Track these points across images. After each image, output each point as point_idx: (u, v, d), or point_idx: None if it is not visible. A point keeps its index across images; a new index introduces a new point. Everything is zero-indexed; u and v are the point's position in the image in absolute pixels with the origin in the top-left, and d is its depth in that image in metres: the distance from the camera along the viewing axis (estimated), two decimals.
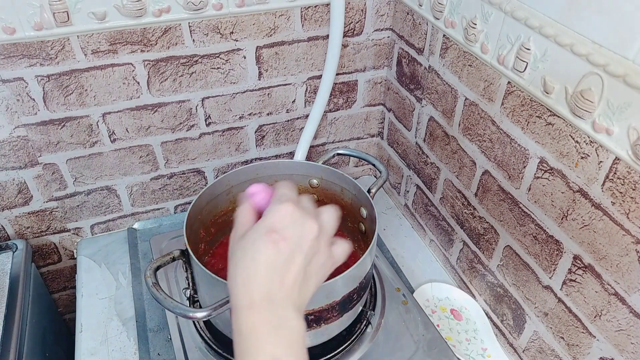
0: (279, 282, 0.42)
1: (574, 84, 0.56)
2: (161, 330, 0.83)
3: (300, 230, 0.44)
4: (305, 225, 0.44)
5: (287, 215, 0.44)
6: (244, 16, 0.84)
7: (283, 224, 0.43)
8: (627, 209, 0.54)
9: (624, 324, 0.58)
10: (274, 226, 0.43)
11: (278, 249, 0.42)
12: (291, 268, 0.43)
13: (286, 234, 0.43)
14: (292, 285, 0.43)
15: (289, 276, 0.42)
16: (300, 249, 0.43)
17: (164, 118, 0.90)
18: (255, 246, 0.43)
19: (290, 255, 0.43)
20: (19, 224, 0.94)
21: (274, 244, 0.42)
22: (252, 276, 0.42)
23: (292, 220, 0.44)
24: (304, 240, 0.43)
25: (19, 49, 0.75)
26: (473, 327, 0.87)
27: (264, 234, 0.43)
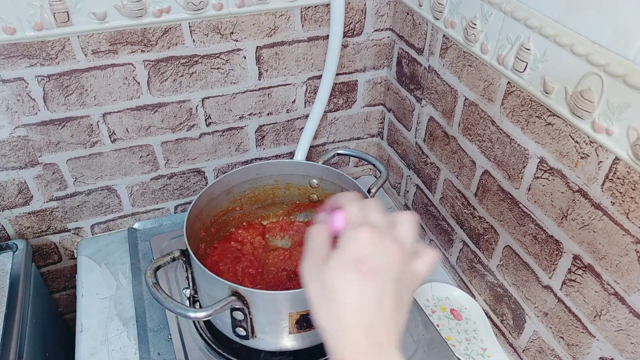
0: (379, 318, 0.40)
1: (573, 84, 0.56)
2: (161, 330, 0.83)
3: (384, 255, 0.41)
4: (389, 249, 0.41)
5: (368, 242, 0.41)
6: (244, 16, 0.84)
7: (366, 251, 0.40)
8: (627, 209, 0.54)
9: (624, 323, 0.58)
10: (360, 256, 0.40)
11: (371, 282, 0.40)
12: (386, 299, 0.40)
13: (373, 263, 0.40)
14: (390, 316, 0.40)
15: (386, 308, 0.40)
16: (390, 275, 0.40)
17: (164, 118, 0.90)
18: (348, 282, 0.40)
19: (382, 286, 0.40)
20: (19, 224, 0.94)
21: (364, 276, 0.39)
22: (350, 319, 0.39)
23: (374, 246, 0.41)
24: (391, 266, 0.41)
25: (19, 49, 0.75)
26: (473, 327, 0.87)
27: (352, 265, 0.40)
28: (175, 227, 1.02)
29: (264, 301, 0.65)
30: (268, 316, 0.67)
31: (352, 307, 0.39)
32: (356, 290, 0.39)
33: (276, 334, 0.69)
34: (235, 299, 0.63)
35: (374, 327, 0.39)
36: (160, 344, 0.80)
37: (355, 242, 0.41)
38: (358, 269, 0.40)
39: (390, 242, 0.42)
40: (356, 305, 0.39)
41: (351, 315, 0.39)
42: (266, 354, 0.77)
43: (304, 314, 0.66)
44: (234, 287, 0.64)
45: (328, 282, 0.40)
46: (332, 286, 0.40)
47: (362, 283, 0.40)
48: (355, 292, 0.39)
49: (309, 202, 0.91)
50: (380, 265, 0.40)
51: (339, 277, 0.40)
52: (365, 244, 0.41)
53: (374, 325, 0.39)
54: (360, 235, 0.41)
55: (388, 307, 0.40)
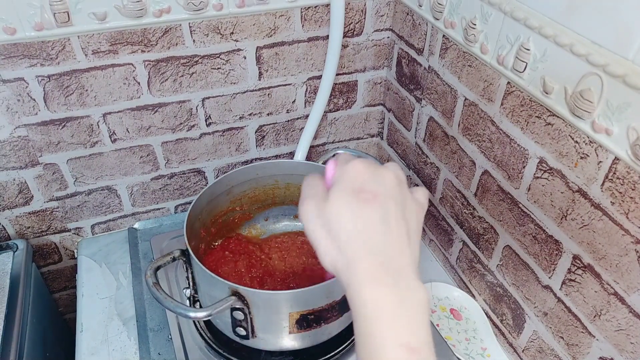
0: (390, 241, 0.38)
1: (573, 84, 0.56)
2: (161, 330, 0.83)
3: (381, 181, 0.40)
4: (384, 176, 0.41)
5: (362, 172, 0.40)
6: (244, 16, 0.84)
7: (362, 179, 0.40)
8: (627, 209, 0.54)
9: (624, 323, 0.58)
10: (358, 185, 0.39)
11: (374, 206, 0.39)
12: (392, 222, 0.39)
13: (372, 188, 0.39)
14: (400, 240, 0.39)
15: (395, 231, 0.39)
16: (392, 199, 0.40)
17: (165, 118, 0.90)
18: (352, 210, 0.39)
19: (386, 208, 0.39)
20: (20, 223, 0.94)
21: (367, 203, 0.39)
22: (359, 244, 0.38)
23: (369, 174, 0.40)
24: (390, 190, 0.40)
25: (20, 49, 0.75)
26: (473, 326, 0.87)
27: (352, 194, 0.39)
28: (176, 227, 1.02)
29: (264, 301, 0.65)
30: (268, 316, 0.67)
31: (360, 235, 0.38)
32: (360, 217, 0.38)
33: (276, 334, 0.69)
34: (236, 299, 0.64)
35: (386, 253, 0.38)
36: (160, 344, 0.81)
37: (350, 173, 0.41)
38: (358, 197, 0.39)
39: (384, 170, 0.41)
40: (364, 233, 0.38)
41: (361, 244, 0.38)
42: (266, 353, 0.77)
43: (304, 313, 0.66)
44: (234, 287, 0.64)
45: (331, 216, 0.39)
46: (336, 219, 0.39)
47: (365, 209, 0.39)
48: (360, 219, 0.38)
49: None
50: (379, 190, 0.40)
51: (341, 208, 0.39)
52: (360, 173, 0.40)
53: (386, 251, 0.38)
54: (353, 168, 0.41)
55: (396, 231, 0.39)
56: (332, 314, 0.69)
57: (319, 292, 0.65)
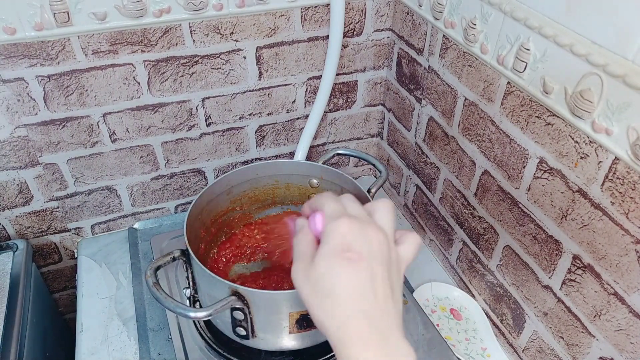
0: (374, 301, 0.39)
1: (573, 84, 0.56)
2: (161, 330, 0.83)
3: (367, 241, 0.41)
4: (371, 235, 0.41)
5: (348, 231, 0.41)
6: (244, 16, 0.84)
7: (349, 240, 0.40)
8: (627, 208, 0.54)
9: (624, 323, 0.58)
10: (343, 245, 0.40)
11: (358, 267, 0.39)
12: (377, 282, 0.39)
13: (358, 249, 0.40)
14: (384, 299, 0.39)
15: (379, 291, 0.39)
16: (377, 260, 0.40)
17: (165, 118, 0.90)
18: (336, 271, 0.39)
19: (371, 270, 0.39)
20: (20, 223, 0.94)
21: (350, 262, 0.39)
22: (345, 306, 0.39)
23: (355, 233, 0.41)
24: (376, 250, 0.41)
25: (20, 49, 0.75)
26: (473, 326, 0.87)
27: (337, 255, 0.40)
28: (176, 227, 1.02)
29: (264, 301, 0.65)
30: (268, 316, 0.67)
31: (347, 297, 0.39)
32: (347, 278, 0.39)
33: (276, 334, 0.69)
34: (236, 299, 0.64)
35: (372, 314, 0.39)
36: (160, 344, 0.81)
37: (337, 233, 0.41)
38: (344, 258, 0.39)
39: (370, 228, 0.42)
40: (350, 294, 0.39)
41: (348, 305, 0.39)
42: (266, 353, 0.77)
43: (304, 313, 0.66)
44: (234, 286, 0.64)
45: (318, 279, 0.40)
46: (322, 281, 0.40)
47: (351, 271, 0.39)
48: (347, 281, 0.39)
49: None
50: (366, 250, 0.40)
51: (328, 270, 0.40)
52: (347, 233, 0.41)
53: (372, 312, 0.39)
54: (340, 227, 0.41)
55: (381, 292, 0.40)
56: None
57: None
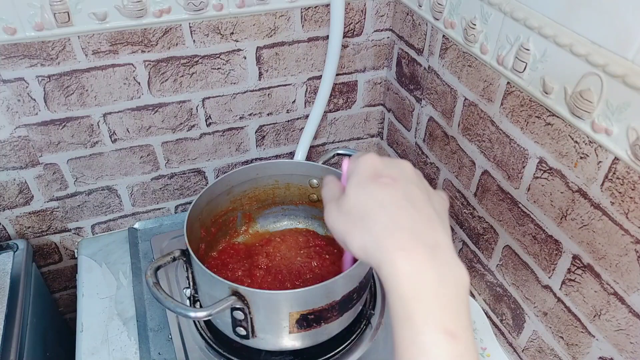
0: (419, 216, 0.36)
1: (573, 84, 0.56)
2: (162, 329, 0.83)
3: (399, 168, 0.39)
4: (401, 164, 0.39)
5: (376, 161, 0.39)
6: (244, 17, 0.84)
7: (380, 168, 0.38)
8: (626, 209, 0.54)
9: (623, 323, 0.58)
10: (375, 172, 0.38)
11: (394, 188, 0.37)
12: (417, 200, 0.37)
13: (389, 173, 0.38)
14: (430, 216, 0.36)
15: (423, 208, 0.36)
16: (413, 184, 0.38)
17: (165, 118, 0.90)
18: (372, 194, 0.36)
19: (409, 191, 0.37)
20: (20, 223, 0.94)
21: (387, 185, 0.37)
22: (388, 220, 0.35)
23: (385, 162, 0.39)
24: (409, 176, 0.38)
25: (20, 50, 0.75)
26: (472, 326, 0.87)
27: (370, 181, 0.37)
28: (176, 227, 1.02)
29: (264, 301, 0.65)
30: (268, 316, 0.67)
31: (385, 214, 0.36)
32: (382, 197, 0.36)
33: (276, 334, 0.69)
34: (236, 299, 0.64)
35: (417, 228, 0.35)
36: (160, 344, 0.81)
37: (365, 163, 0.39)
38: (378, 182, 0.37)
39: (400, 160, 0.40)
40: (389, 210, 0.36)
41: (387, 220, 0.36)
42: (266, 353, 0.77)
43: (304, 313, 0.66)
44: (234, 286, 0.64)
45: (352, 207, 0.37)
46: (357, 206, 0.37)
47: (387, 192, 0.37)
48: (382, 199, 0.36)
49: (309, 202, 0.91)
50: (398, 174, 0.38)
51: (360, 195, 0.37)
52: (375, 162, 0.39)
53: (416, 226, 0.35)
54: (367, 158, 0.39)
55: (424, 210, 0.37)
56: (332, 314, 0.69)
57: (319, 292, 0.65)
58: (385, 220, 0.36)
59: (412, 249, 0.34)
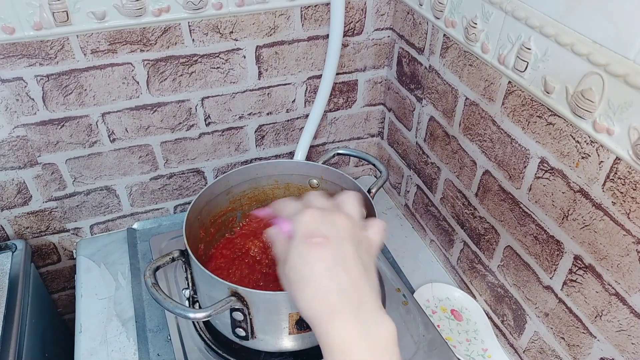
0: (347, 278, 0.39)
1: (574, 83, 0.56)
2: (161, 330, 0.82)
3: (333, 225, 0.41)
4: (335, 219, 0.42)
5: (313, 219, 0.42)
6: (243, 16, 0.84)
7: (314, 227, 0.41)
8: (628, 209, 0.54)
9: (625, 324, 0.58)
10: (308, 232, 0.41)
11: (326, 248, 0.40)
12: (348, 260, 0.40)
13: (323, 232, 0.41)
14: (358, 276, 0.40)
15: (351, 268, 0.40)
16: (345, 240, 0.41)
17: (164, 118, 0.90)
18: (303, 257, 0.40)
19: (340, 249, 0.40)
20: (18, 224, 0.94)
21: (318, 246, 0.40)
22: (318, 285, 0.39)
23: (320, 220, 0.42)
24: (342, 232, 0.41)
25: (19, 49, 0.75)
26: (473, 327, 0.87)
27: (304, 242, 0.41)
28: (175, 227, 1.01)
29: (263, 302, 0.65)
30: (268, 317, 0.66)
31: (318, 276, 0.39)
32: (316, 260, 0.40)
33: (276, 335, 0.69)
34: (235, 300, 0.63)
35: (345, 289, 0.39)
36: (159, 345, 0.80)
37: (301, 224, 0.42)
38: (311, 242, 0.40)
39: (335, 214, 0.42)
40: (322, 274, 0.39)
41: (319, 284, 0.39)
42: (266, 354, 0.76)
43: None
44: (234, 287, 0.63)
45: (291, 269, 0.41)
46: (295, 270, 0.40)
47: (319, 253, 0.40)
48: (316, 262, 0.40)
49: None
50: (331, 233, 0.41)
51: (298, 258, 0.40)
52: (310, 221, 0.42)
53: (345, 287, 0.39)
54: (304, 216, 0.42)
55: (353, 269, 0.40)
56: None
57: None
58: (315, 285, 0.39)
59: (339, 311, 0.38)
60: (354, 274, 0.40)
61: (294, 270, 0.41)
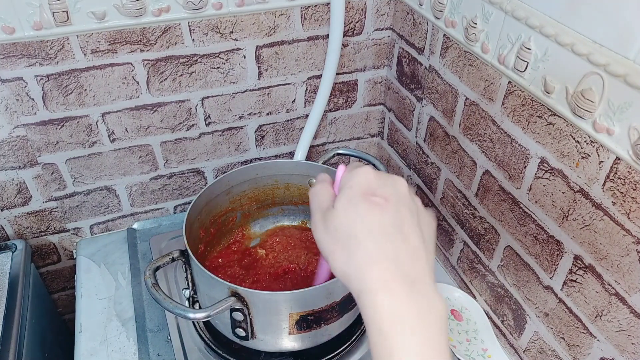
0: (404, 247, 0.35)
1: (574, 83, 0.56)
2: (161, 330, 0.82)
3: (394, 186, 0.38)
4: (396, 182, 0.38)
5: (371, 176, 0.38)
6: (243, 16, 0.84)
7: (375, 185, 0.37)
8: (628, 209, 0.54)
9: (625, 324, 0.58)
10: (368, 189, 0.37)
11: (385, 210, 0.36)
12: (408, 228, 0.36)
13: (383, 192, 0.36)
14: (417, 246, 0.36)
15: (411, 237, 0.36)
16: (405, 206, 0.37)
17: (164, 118, 0.90)
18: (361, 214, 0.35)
19: (399, 214, 0.36)
20: (19, 224, 0.94)
21: (378, 206, 0.36)
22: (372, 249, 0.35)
23: (379, 179, 0.38)
24: (402, 197, 0.37)
25: (19, 49, 0.75)
26: (473, 327, 0.87)
27: (361, 198, 0.36)
28: (175, 227, 1.01)
29: (263, 302, 0.65)
30: (268, 317, 0.66)
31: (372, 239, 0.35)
32: (371, 220, 0.35)
33: (276, 335, 0.69)
34: (235, 300, 0.63)
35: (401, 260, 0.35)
36: (159, 345, 0.80)
37: (358, 177, 0.38)
38: (369, 201, 0.36)
39: (395, 177, 0.39)
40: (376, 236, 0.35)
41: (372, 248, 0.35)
42: (266, 354, 0.76)
43: (304, 314, 0.66)
44: (234, 287, 0.63)
45: (339, 225, 0.36)
46: (344, 227, 0.36)
47: (376, 213, 0.36)
48: (371, 223, 0.35)
49: (309, 202, 0.91)
50: (392, 194, 0.37)
51: (349, 212, 0.36)
52: (370, 178, 0.38)
53: (400, 257, 0.35)
54: (363, 172, 0.38)
55: (412, 238, 0.36)
56: (332, 315, 0.69)
57: (318, 292, 0.65)
58: (369, 247, 0.35)
59: (392, 282, 0.34)
60: (412, 243, 0.36)
61: (345, 226, 0.36)
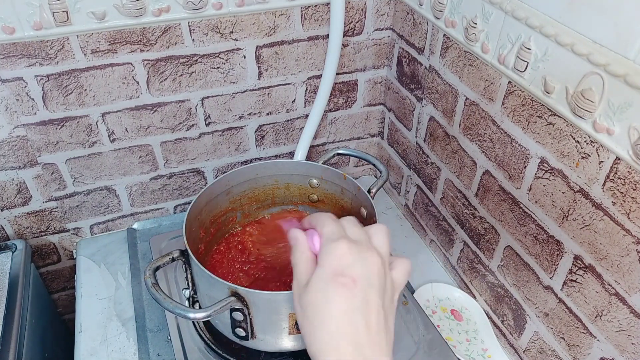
0: (365, 330, 0.38)
1: (574, 83, 0.56)
2: (161, 330, 0.82)
3: (364, 265, 0.40)
4: (368, 259, 0.40)
5: (346, 254, 0.40)
6: (243, 16, 0.84)
7: (345, 263, 0.40)
8: (628, 209, 0.54)
9: (625, 324, 0.58)
10: (338, 269, 0.39)
11: (352, 292, 0.38)
12: (371, 310, 0.38)
13: (353, 273, 0.39)
14: (377, 329, 0.38)
15: (372, 319, 0.38)
16: (372, 286, 0.39)
17: (164, 118, 0.90)
18: (327, 296, 0.38)
19: (365, 296, 0.38)
20: (19, 224, 0.94)
21: (345, 288, 0.38)
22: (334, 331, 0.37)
23: (353, 257, 0.40)
24: (372, 276, 0.40)
25: (19, 49, 0.75)
26: (473, 327, 0.87)
27: (330, 279, 0.39)
28: (175, 227, 1.01)
29: (263, 302, 0.65)
30: (268, 317, 0.66)
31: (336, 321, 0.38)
32: (338, 303, 0.38)
33: (276, 335, 0.69)
34: (235, 300, 0.63)
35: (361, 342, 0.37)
36: (159, 345, 0.80)
37: (333, 255, 0.40)
38: (338, 282, 0.38)
39: (368, 252, 0.41)
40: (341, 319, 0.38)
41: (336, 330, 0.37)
42: (266, 354, 0.76)
43: None
44: (234, 287, 0.63)
45: (309, 304, 0.39)
46: (314, 307, 0.39)
47: (342, 295, 0.38)
48: (338, 307, 0.38)
49: (309, 202, 0.91)
50: (361, 275, 0.39)
51: (320, 295, 0.39)
52: (343, 256, 0.40)
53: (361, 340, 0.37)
54: (337, 249, 0.40)
55: (375, 320, 0.38)
56: None
57: None
58: (332, 330, 0.38)
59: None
60: (373, 326, 0.38)
61: (313, 305, 0.39)
